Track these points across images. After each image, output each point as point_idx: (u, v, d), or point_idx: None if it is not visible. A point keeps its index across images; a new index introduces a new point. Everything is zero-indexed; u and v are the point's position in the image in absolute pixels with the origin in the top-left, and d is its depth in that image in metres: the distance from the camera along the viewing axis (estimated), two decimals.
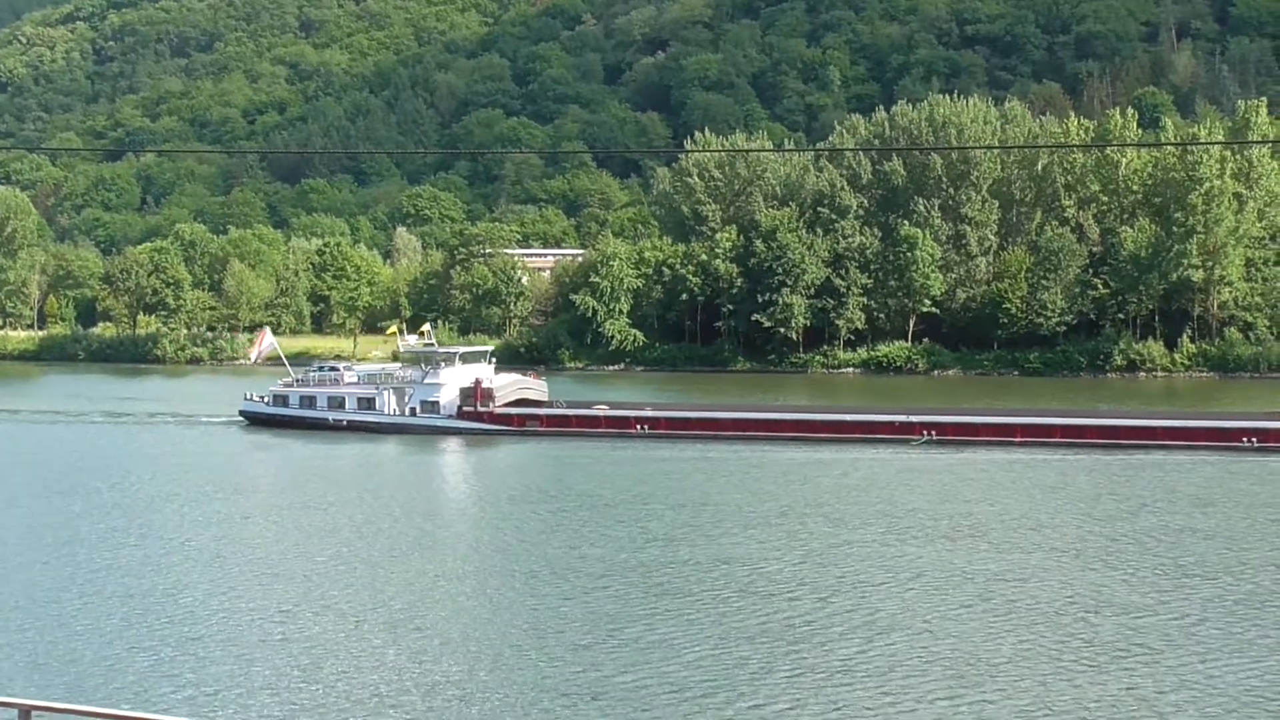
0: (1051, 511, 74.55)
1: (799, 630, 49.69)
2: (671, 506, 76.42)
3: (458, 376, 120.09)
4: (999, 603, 53.73)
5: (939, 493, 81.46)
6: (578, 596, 55.46)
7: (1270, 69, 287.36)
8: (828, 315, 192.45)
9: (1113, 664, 45.52)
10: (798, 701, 41.62)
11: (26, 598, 55.94)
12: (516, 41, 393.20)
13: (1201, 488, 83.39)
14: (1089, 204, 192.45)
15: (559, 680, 44.36)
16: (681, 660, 46.07)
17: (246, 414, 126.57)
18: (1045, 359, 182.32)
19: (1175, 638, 48.85)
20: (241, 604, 54.91)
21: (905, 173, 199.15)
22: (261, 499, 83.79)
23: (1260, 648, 47.38)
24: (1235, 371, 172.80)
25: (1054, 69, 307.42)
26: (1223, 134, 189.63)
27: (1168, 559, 61.89)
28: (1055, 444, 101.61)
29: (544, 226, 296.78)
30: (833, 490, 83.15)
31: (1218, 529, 68.92)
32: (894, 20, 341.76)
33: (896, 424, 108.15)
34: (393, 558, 63.89)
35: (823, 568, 60.13)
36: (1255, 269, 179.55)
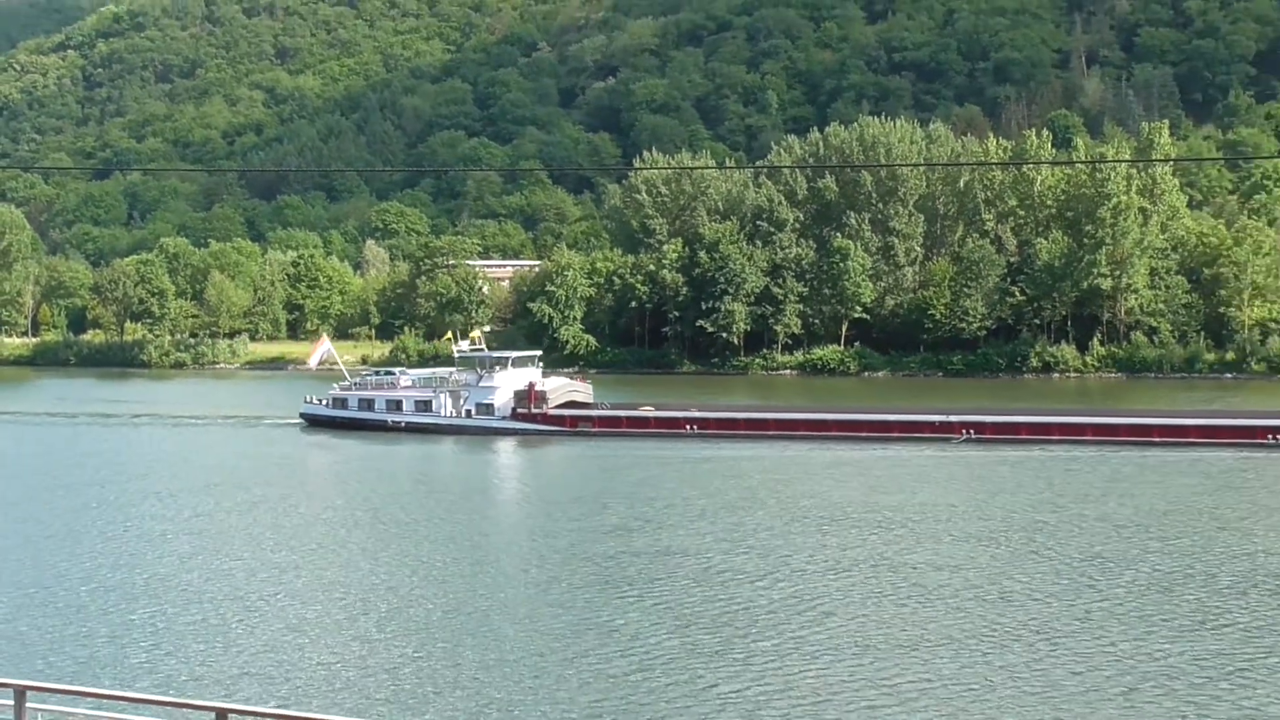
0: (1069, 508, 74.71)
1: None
2: (724, 506, 75.26)
3: (510, 380, 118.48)
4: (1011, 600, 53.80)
5: (971, 490, 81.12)
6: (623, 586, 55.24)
7: (1172, 94, 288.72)
8: (767, 321, 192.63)
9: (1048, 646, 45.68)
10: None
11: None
12: (477, 68, 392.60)
13: (1225, 481, 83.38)
14: (1007, 218, 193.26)
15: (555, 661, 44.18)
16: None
17: (306, 416, 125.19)
18: (967, 361, 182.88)
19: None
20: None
21: (838, 189, 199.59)
22: (342, 494, 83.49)
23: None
24: (1141, 372, 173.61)
25: (974, 93, 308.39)
26: (1129, 153, 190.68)
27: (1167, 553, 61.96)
28: (1089, 442, 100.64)
29: (503, 239, 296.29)
30: (876, 487, 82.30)
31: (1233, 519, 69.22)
32: (827, 48, 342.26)
33: (937, 423, 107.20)
34: (452, 553, 63.51)
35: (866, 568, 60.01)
36: (1158, 277, 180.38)
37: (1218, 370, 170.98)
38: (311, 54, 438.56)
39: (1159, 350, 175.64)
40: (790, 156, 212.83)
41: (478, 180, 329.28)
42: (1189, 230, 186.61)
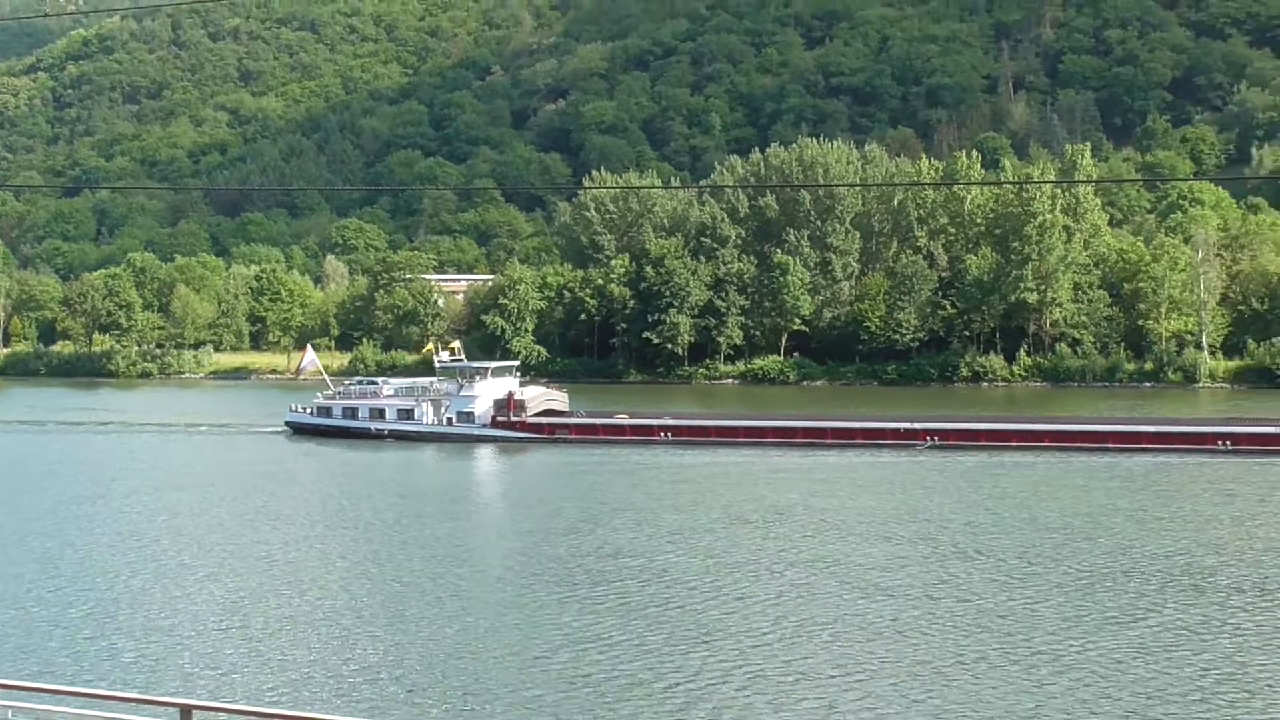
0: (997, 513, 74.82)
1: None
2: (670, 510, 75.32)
3: (490, 389, 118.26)
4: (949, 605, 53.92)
5: (909, 496, 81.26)
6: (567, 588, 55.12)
7: (1094, 118, 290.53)
8: (710, 332, 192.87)
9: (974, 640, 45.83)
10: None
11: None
12: (433, 90, 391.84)
13: (1168, 487, 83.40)
14: (938, 235, 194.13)
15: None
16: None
17: (292, 424, 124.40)
18: (901, 371, 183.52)
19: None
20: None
21: (778, 207, 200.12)
22: (326, 499, 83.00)
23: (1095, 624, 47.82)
24: (1065, 381, 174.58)
25: (908, 116, 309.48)
26: (1053, 174, 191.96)
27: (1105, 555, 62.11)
28: (1047, 448, 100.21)
29: (458, 255, 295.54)
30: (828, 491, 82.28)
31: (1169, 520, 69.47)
32: (768, 73, 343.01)
33: (901, 430, 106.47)
34: (430, 552, 63.48)
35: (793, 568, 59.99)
36: (1081, 292, 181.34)
37: (1137, 380, 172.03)
38: (274, 76, 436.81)
39: (1082, 360, 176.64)
40: (733, 176, 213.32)
41: (433, 198, 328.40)
42: (1110, 247, 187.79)
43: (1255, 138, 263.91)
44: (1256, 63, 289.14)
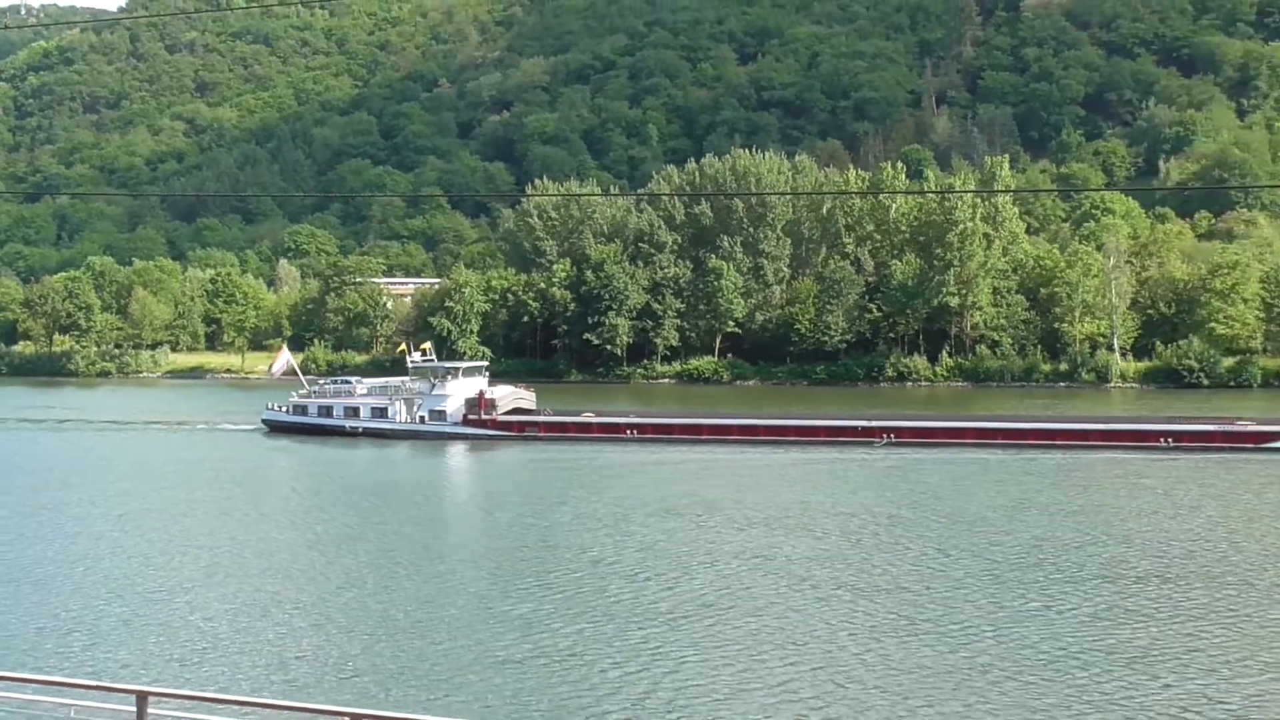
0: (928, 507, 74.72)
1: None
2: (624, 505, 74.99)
3: (461, 388, 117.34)
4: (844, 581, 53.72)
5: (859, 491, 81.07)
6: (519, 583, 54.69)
7: (1012, 131, 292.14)
8: (647, 334, 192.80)
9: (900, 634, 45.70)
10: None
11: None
12: (383, 101, 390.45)
13: (1105, 481, 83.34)
14: (865, 241, 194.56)
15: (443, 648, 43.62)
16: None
17: (268, 422, 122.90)
18: (829, 371, 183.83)
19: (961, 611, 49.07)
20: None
21: (712, 214, 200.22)
22: (301, 494, 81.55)
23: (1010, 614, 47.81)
24: (985, 381, 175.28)
25: (836, 128, 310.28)
26: (973, 184, 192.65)
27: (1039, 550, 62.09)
28: (999, 445, 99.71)
29: (406, 259, 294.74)
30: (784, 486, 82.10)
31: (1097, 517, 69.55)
32: (703, 86, 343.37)
33: (860, 429, 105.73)
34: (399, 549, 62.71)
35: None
36: (1000, 296, 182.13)
37: (1052, 380, 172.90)
38: (229, 88, 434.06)
39: (1001, 361, 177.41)
40: (669, 185, 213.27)
41: (382, 205, 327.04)
42: (1027, 254, 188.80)
43: (1163, 151, 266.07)
44: (1163, 81, 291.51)
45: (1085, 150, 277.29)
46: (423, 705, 37.59)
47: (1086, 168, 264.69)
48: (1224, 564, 56.12)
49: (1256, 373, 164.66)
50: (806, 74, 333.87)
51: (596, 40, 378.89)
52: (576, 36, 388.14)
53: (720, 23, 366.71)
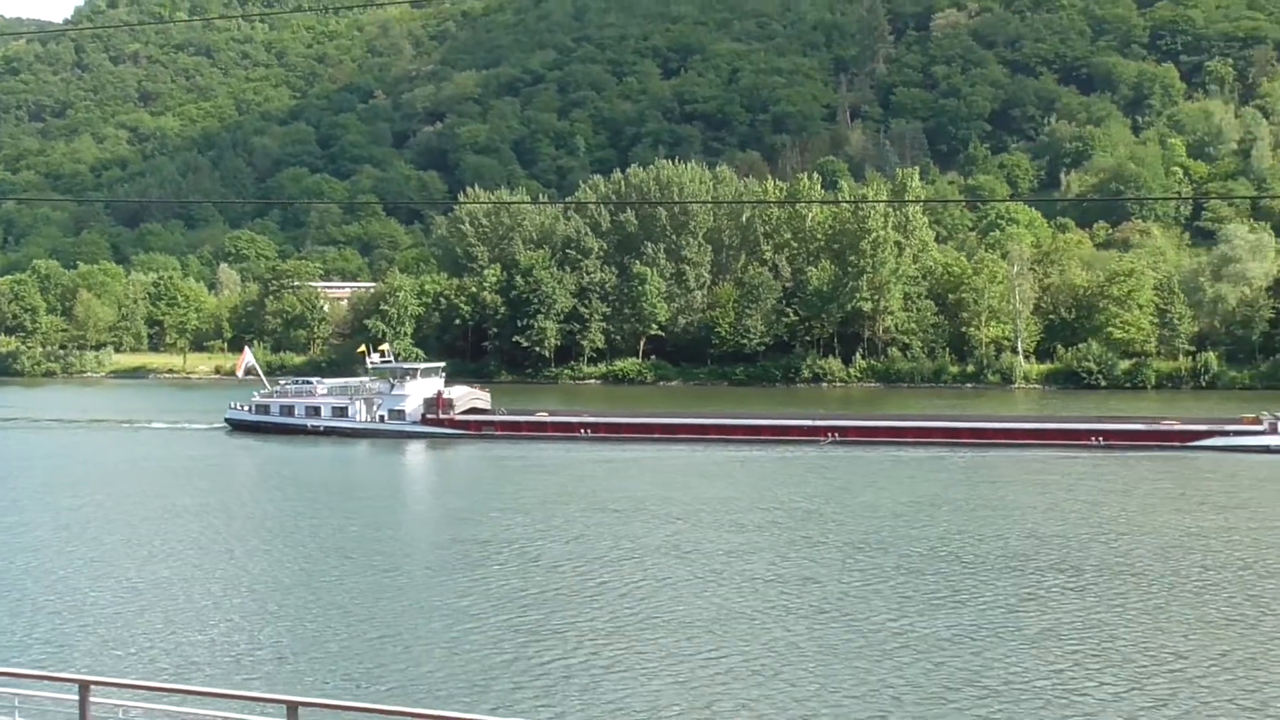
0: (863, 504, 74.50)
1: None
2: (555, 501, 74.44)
3: (420, 388, 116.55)
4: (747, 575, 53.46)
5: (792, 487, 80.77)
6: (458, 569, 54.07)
7: (922, 145, 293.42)
8: (574, 336, 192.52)
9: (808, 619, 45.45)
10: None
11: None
12: (320, 112, 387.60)
13: (1032, 478, 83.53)
14: (783, 249, 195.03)
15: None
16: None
17: (231, 421, 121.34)
18: (748, 372, 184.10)
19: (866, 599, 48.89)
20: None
21: (637, 222, 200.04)
22: (259, 491, 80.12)
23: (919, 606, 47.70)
24: (896, 382, 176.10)
25: (755, 141, 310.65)
26: (886, 195, 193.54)
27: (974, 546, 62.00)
28: (938, 444, 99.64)
29: (342, 264, 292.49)
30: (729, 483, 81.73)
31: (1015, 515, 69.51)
32: (628, 100, 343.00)
33: (805, 428, 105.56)
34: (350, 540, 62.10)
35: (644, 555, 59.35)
36: (911, 301, 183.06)
37: (960, 381, 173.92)
38: (172, 98, 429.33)
39: (911, 363, 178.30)
40: (596, 193, 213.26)
41: (320, 211, 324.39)
42: (936, 261, 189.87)
43: (1063, 165, 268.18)
44: (1064, 98, 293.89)
45: (991, 163, 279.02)
46: (356, 691, 37.03)
47: (992, 179, 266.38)
48: (1129, 556, 56.35)
49: (1150, 375, 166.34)
50: (727, 88, 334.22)
51: (526, 54, 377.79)
52: (507, 51, 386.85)
53: (645, 39, 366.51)
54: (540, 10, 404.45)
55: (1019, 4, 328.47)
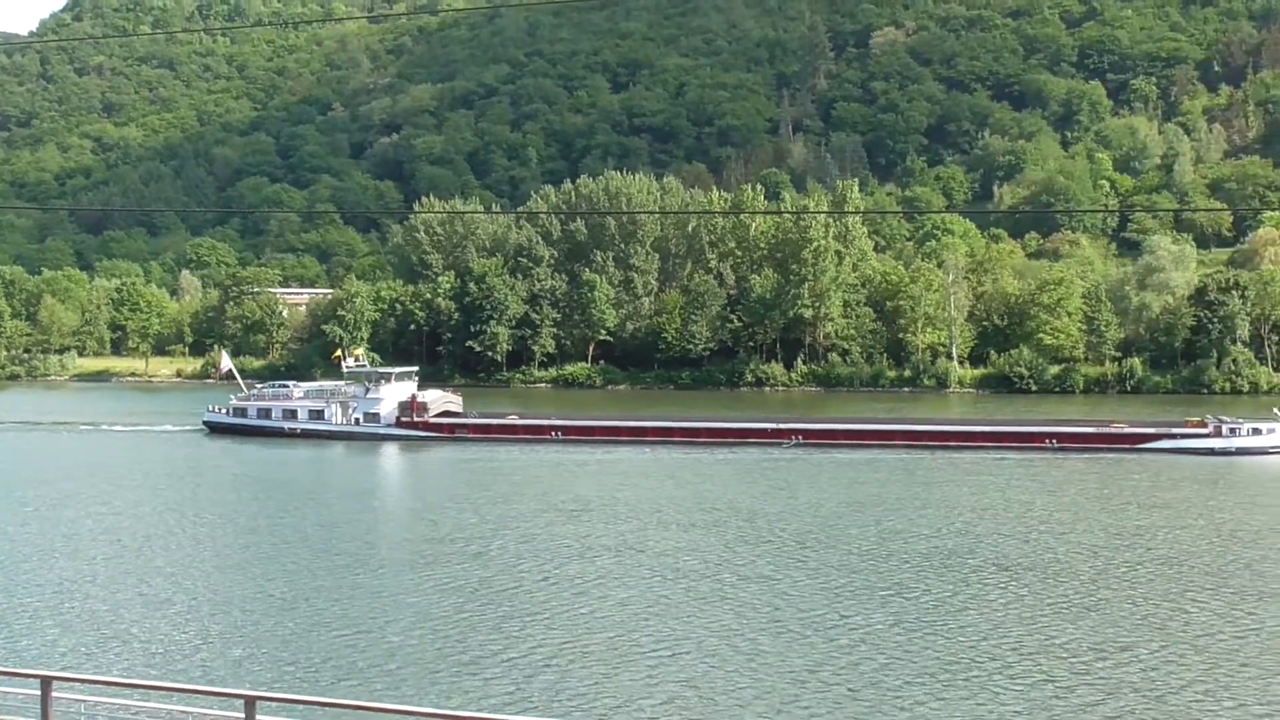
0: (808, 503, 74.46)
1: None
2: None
3: (394, 392, 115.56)
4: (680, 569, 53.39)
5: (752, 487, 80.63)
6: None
7: (861, 158, 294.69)
8: (526, 342, 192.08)
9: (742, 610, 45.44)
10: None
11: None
12: (280, 123, 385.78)
13: (986, 478, 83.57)
14: (727, 257, 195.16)
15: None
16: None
17: (209, 423, 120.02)
18: (694, 376, 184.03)
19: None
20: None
21: (587, 231, 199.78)
22: (231, 491, 79.36)
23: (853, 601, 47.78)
24: (836, 386, 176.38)
25: (701, 153, 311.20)
26: (826, 206, 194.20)
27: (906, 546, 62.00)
28: (897, 446, 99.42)
29: (301, 270, 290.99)
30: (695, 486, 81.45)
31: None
32: (579, 113, 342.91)
33: (769, 430, 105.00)
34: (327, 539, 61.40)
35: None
36: (850, 308, 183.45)
37: (897, 385, 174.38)
38: (135, 109, 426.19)
39: (851, 368, 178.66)
40: (547, 203, 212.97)
41: (279, 220, 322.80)
42: (875, 270, 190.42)
43: (996, 178, 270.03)
44: (997, 114, 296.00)
45: (927, 175, 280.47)
46: (313, 685, 36.67)
47: (928, 191, 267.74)
48: (1086, 553, 56.61)
49: (1079, 379, 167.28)
50: (674, 102, 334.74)
51: (480, 69, 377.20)
52: (462, 65, 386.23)
53: (595, 54, 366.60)
54: (494, 26, 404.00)
55: (954, 23, 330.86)
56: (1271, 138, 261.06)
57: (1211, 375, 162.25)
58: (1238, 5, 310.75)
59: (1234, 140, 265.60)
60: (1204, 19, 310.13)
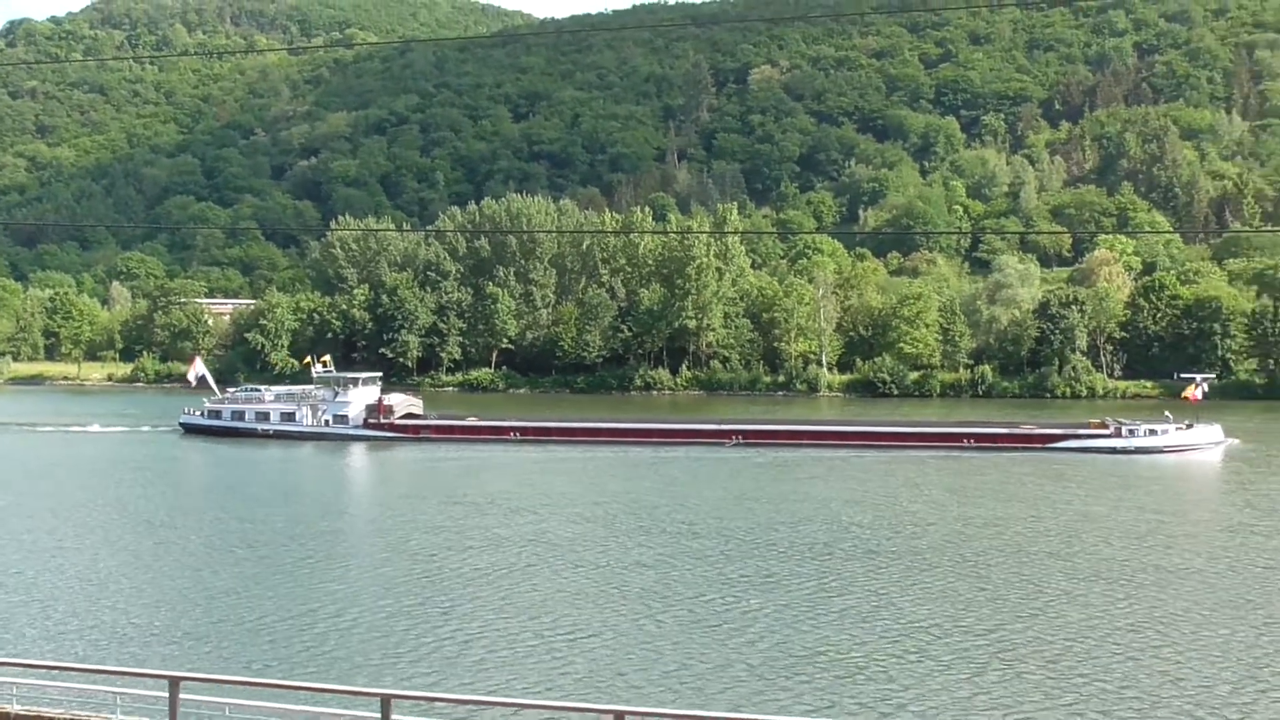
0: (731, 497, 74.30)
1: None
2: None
3: (361, 395, 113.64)
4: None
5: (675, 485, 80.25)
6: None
7: (740, 183, 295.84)
8: (434, 349, 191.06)
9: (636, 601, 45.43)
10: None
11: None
12: (205, 146, 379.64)
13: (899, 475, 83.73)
14: (618, 273, 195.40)
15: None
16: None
17: (185, 425, 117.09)
18: (588, 381, 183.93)
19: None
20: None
21: (490, 248, 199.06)
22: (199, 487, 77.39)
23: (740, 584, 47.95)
24: (717, 390, 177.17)
25: (594, 178, 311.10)
26: (708, 226, 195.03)
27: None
28: (832, 445, 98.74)
29: (225, 283, 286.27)
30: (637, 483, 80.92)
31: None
32: (483, 140, 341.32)
33: (712, 431, 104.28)
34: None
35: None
36: (730, 320, 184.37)
37: (772, 389, 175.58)
38: (67, 130, 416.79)
39: (730, 374, 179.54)
40: (454, 222, 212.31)
41: (205, 235, 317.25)
42: (752, 285, 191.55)
43: (862, 202, 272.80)
44: (862, 145, 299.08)
45: (799, 200, 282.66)
46: (242, 667, 36.10)
47: (800, 214, 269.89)
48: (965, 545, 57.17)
49: (936, 384, 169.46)
50: (570, 131, 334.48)
51: (392, 98, 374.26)
52: (375, 95, 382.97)
53: (498, 86, 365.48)
54: (405, 60, 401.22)
55: (824, 63, 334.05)
56: (1105, 169, 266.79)
57: (1054, 381, 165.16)
58: (1075, 51, 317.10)
59: (1072, 171, 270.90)
60: (1046, 62, 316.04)
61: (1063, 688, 35.64)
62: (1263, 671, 37.12)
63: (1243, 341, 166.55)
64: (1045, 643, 40.23)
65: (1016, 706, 34.20)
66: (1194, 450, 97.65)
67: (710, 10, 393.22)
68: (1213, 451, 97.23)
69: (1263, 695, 35.01)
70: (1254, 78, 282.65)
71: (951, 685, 35.93)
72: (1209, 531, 61.49)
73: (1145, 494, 74.89)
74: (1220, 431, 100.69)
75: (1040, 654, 38.97)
